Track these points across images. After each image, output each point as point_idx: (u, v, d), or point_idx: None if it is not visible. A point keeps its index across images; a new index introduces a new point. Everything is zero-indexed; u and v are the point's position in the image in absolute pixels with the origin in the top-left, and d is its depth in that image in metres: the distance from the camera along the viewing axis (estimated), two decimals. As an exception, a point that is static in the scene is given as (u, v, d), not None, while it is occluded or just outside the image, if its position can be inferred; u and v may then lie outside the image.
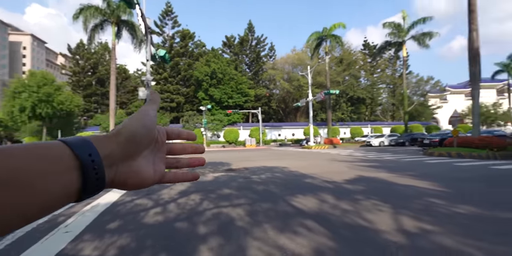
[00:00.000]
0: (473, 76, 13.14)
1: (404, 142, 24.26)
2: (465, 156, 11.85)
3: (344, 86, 39.62)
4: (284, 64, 43.41)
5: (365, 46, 47.63)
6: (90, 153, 0.28)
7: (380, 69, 45.90)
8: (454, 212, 3.85)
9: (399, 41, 28.21)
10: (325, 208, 4.14)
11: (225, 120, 36.55)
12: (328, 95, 24.20)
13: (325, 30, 26.67)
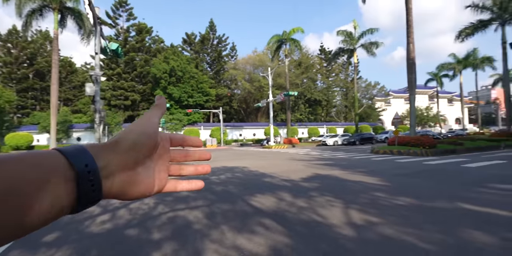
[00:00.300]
0: (410, 83, 14.85)
1: (355, 141, 26.25)
2: (404, 154, 13.28)
3: (302, 88, 41.39)
4: (246, 65, 43.66)
5: (321, 51, 50.42)
6: (87, 164, 0.27)
7: (334, 73, 49.07)
8: (395, 204, 4.25)
9: (350, 48, 30.48)
10: (283, 206, 4.23)
11: (185, 120, 35.30)
12: (287, 96, 24.99)
13: (284, 34, 27.53)
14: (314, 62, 46.04)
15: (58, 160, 0.26)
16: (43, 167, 0.24)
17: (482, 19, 22.37)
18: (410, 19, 14.54)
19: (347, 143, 26.28)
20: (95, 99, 9.11)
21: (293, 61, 43.46)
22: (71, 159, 0.26)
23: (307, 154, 16.06)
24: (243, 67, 43.82)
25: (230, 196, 5.08)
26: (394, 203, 4.33)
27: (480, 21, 22.48)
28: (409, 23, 14.54)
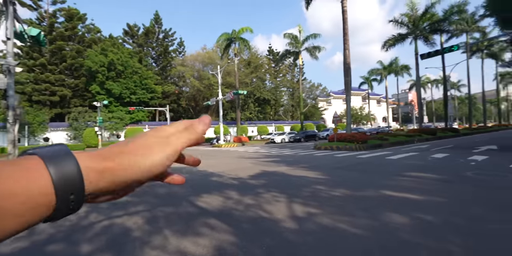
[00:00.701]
0: (346, 85, 16.46)
1: (300, 139, 27.88)
2: (341, 149, 14.65)
3: (251, 87, 42.05)
4: (195, 62, 42.22)
5: (269, 52, 51.97)
6: (73, 192, 0.25)
7: (282, 74, 51.17)
8: (333, 195, 4.65)
9: (296, 51, 32.20)
10: (230, 205, 4.22)
11: (127, 118, 32.35)
12: (237, 95, 25.07)
13: (234, 33, 27.52)
14: (263, 62, 47.21)
15: (40, 176, 0.23)
16: (22, 180, 0.22)
17: (401, 33, 26.11)
18: (346, 28, 16.08)
19: (293, 140, 27.70)
20: (7, 93, 7.61)
21: (243, 60, 43.77)
22: (57, 184, 0.24)
23: (256, 152, 16.40)
24: (192, 64, 42.28)
25: (175, 198, 4.84)
26: (331, 194, 4.72)
27: (399, 34, 26.20)
28: (345, 31, 16.08)
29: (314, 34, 30.33)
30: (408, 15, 25.69)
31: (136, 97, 33.80)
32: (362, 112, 59.88)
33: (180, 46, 45.41)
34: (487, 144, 14.55)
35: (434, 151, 12.21)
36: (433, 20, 24.71)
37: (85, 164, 0.26)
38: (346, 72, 16.34)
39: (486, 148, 12.60)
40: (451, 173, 6.41)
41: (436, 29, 25.07)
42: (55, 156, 0.25)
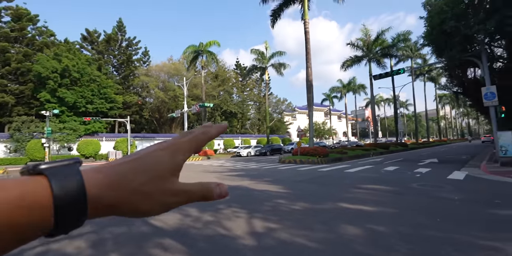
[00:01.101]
0: (309, 101, 17.34)
1: (266, 152, 28.15)
2: (304, 162, 15.09)
3: (219, 100, 41.99)
4: (160, 72, 41.06)
5: (237, 66, 52.95)
6: (74, 207, 0.24)
7: (249, 88, 52.17)
8: (293, 209, 4.70)
9: (263, 67, 33.30)
10: (187, 222, 4.00)
11: (81, 129, 29.64)
12: (203, 107, 24.76)
13: (201, 45, 27.61)
14: (231, 76, 47.81)
15: (40, 187, 0.24)
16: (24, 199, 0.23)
17: (357, 55, 28.75)
18: (308, 47, 17.21)
19: (259, 154, 27.86)
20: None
21: (210, 73, 43.82)
22: (60, 216, 0.24)
23: (221, 165, 16.10)
24: (157, 74, 41.04)
25: (128, 217, 4.46)
26: (292, 208, 4.77)
27: (356, 56, 28.81)
28: (307, 50, 17.19)
29: (280, 52, 31.82)
30: (363, 39, 28.49)
31: (93, 107, 31.39)
32: (325, 127, 63.16)
33: (144, 56, 44.02)
34: (430, 158, 16.22)
35: (386, 164, 13.21)
36: (383, 46, 27.71)
37: (89, 179, 0.26)
38: (308, 88, 17.26)
39: (429, 161, 14.03)
40: (400, 185, 6.95)
41: (386, 54, 28.09)
42: (60, 169, 0.25)
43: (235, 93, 48.14)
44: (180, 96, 36.66)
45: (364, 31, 28.53)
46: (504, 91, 13.12)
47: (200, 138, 0.33)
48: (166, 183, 0.29)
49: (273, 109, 54.76)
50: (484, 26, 9.93)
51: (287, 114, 64.86)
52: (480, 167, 10.20)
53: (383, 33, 26.88)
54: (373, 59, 28.19)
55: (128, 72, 40.07)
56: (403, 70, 15.60)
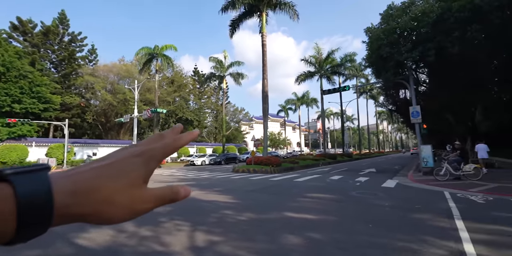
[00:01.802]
0: (264, 111, 17.79)
1: (221, 161, 27.71)
2: (258, 172, 15.21)
3: (174, 107, 40.31)
4: (109, 73, 37.84)
5: (195, 73, 51.96)
6: (39, 213, 0.23)
7: (207, 95, 51.41)
8: (239, 220, 4.61)
9: (221, 75, 33.29)
10: (121, 239, 3.60)
11: (2, 132, 25.26)
12: (155, 113, 23.45)
13: (156, 48, 26.42)
14: (188, 82, 46.56)
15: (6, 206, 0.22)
16: None
17: (310, 70, 30.83)
18: (265, 60, 17.85)
19: (213, 162, 27.30)
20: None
21: (166, 78, 42.04)
22: (23, 219, 0.23)
23: (171, 175, 15.25)
24: (105, 75, 37.74)
25: (47, 235, 3.82)
26: (238, 219, 4.68)
27: (309, 71, 30.88)
28: (264, 62, 17.81)
29: (238, 62, 32.30)
30: (315, 57, 30.75)
31: (22, 107, 27.15)
32: (280, 137, 65.29)
33: (91, 54, 40.24)
34: (369, 167, 17.89)
35: (333, 173, 14.11)
36: (333, 64, 30.31)
37: (58, 186, 0.25)
38: (264, 99, 17.74)
39: (368, 170, 15.44)
40: (342, 193, 7.44)
41: (335, 71, 30.75)
42: (27, 175, 0.24)
43: (192, 100, 46.88)
44: (130, 100, 34.18)
45: (316, 49, 30.89)
46: (427, 112, 15.37)
47: (172, 145, 0.33)
48: (137, 190, 0.28)
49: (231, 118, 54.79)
50: (411, 54, 11.60)
51: (244, 124, 65.45)
52: (407, 176, 11.58)
53: (333, 52, 29.45)
54: (324, 76, 30.54)
55: (70, 70, 36.01)
56: (349, 87, 17.17)
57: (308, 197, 6.89)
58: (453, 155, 9.92)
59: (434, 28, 11.35)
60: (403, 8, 13.53)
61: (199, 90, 50.09)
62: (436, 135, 28.05)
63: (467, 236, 3.50)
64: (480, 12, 10.31)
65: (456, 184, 8.34)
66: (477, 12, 10.32)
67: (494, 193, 6.78)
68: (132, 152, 0.30)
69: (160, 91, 36.30)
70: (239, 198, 6.75)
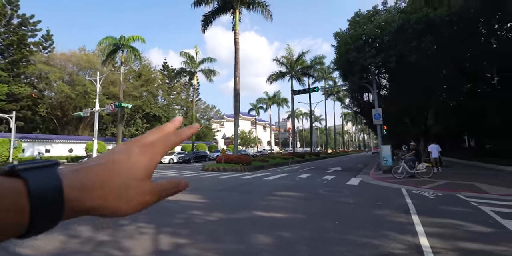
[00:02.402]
0: (235, 109, 17.65)
1: (190, 159, 26.94)
2: (228, 170, 15.02)
3: (140, 102, 38.15)
4: (67, 63, 34.49)
5: (164, 68, 49.75)
6: (50, 207, 0.24)
7: (176, 91, 49.55)
8: (207, 221, 4.45)
9: (192, 71, 32.35)
10: (73, 246, 3.24)
11: None
12: (119, 108, 21.98)
13: (122, 39, 24.69)
14: (156, 77, 44.37)
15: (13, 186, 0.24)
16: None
17: (282, 71, 31.34)
18: (237, 57, 17.69)
19: (182, 161, 26.48)
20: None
21: (132, 71, 39.60)
22: (36, 218, 0.24)
23: (136, 173, 14.37)
24: (63, 64, 34.36)
25: (-19, 245, 3.30)
26: (206, 219, 4.52)
27: (280, 72, 31.36)
28: (236, 60, 17.64)
29: (210, 58, 31.64)
30: (287, 57, 31.31)
31: (-43, 96, 23.63)
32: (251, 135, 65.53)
33: (46, 40, 36.37)
34: (335, 166, 18.71)
35: (301, 171, 14.46)
36: (303, 65, 31.14)
37: (68, 181, 0.26)
38: (235, 97, 17.58)
39: (334, 169, 16.13)
40: (311, 191, 7.62)
41: (305, 73, 31.63)
42: (38, 171, 0.25)
43: (160, 96, 44.81)
44: (92, 92, 31.59)
45: (288, 50, 31.48)
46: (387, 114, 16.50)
47: (173, 140, 0.34)
48: (142, 184, 0.30)
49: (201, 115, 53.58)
50: (375, 60, 12.32)
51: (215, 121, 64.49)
52: (369, 174, 12.31)
53: (304, 54, 30.24)
54: (295, 76, 31.25)
55: (19, 57, 32.18)
56: (318, 89, 17.75)
57: (278, 195, 6.93)
58: (409, 155, 10.76)
59: (395, 37, 12.17)
60: (369, 16, 14.31)
61: (169, 85, 48.13)
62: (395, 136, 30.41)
63: (422, 230, 3.76)
64: (433, 25, 11.29)
65: (411, 181, 9.04)
66: (431, 25, 11.29)
67: (443, 189, 7.47)
68: (137, 151, 0.31)
69: (125, 85, 34.09)
70: (208, 197, 6.56)
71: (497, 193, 6.65)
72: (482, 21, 12.87)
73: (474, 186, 7.87)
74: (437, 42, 11.93)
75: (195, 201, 6.14)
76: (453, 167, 14.66)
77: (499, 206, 5.26)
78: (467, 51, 14.61)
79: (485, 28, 13.84)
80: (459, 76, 15.68)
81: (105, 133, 39.20)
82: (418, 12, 11.49)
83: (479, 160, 15.91)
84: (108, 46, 25.03)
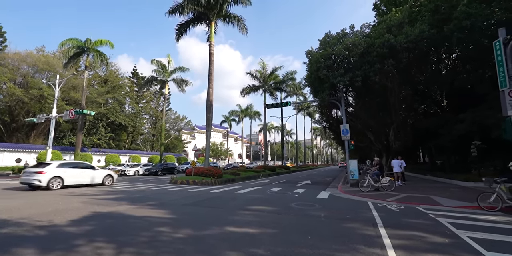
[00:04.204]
0: (207, 120, 17.39)
1: (157, 172, 25.56)
2: (198, 183, 14.49)
3: (105, 109, 35.87)
4: (21, 63, 31.52)
5: (133, 75, 47.88)
6: None
7: (145, 100, 47.64)
8: (175, 238, 4.15)
9: (163, 80, 31.55)
10: (13, 273, 2.77)
11: None
12: (80, 114, 20.38)
13: (88, 42, 23.38)
14: (124, 84, 42.40)
15: None
16: None
17: (255, 84, 31.97)
18: (212, 69, 17.72)
19: (148, 173, 25.08)
20: None
21: (98, 77, 37.45)
22: None
23: (96, 186, 13.21)
24: (16, 65, 31.35)
25: None
26: (173, 236, 4.22)
27: (253, 85, 31.97)
28: (210, 71, 17.64)
29: (183, 67, 31.31)
30: (260, 72, 32.15)
31: None
32: (222, 148, 64.64)
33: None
34: (305, 179, 19.05)
35: (272, 185, 14.45)
36: (276, 80, 32.16)
37: None
38: (208, 108, 17.37)
39: (305, 182, 16.40)
40: (282, 204, 7.59)
41: (278, 88, 32.63)
42: None
43: (128, 104, 42.66)
44: (49, 97, 29.05)
45: (262, 64, 32.40)
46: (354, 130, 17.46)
47: None
48: None
49: (171, 126, 51.76)
50: (343, 78, 13.15)
51: (186, 133, 62.76)
52: (338, 187, 12.70)
53: (276, 69, 31.34)
54: (268, 91, 32.03)
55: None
56: (290, 103, 18.32)
57: (249, 209, 6.78)
58: (374, 169, 11.37)
59: (361, 59, 13.20)
60: (338, 38, 15.42)
61: (137, 93, 46.19)
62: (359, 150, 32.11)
63: (389, 243, 3.90)
64: (394, 50, 12.50)
65: (377, 195, 9.49)
66: (392, 49, 12.49)
67: (404, 202, 7.93)
68: None
69: (89, 91, 31.99)
70: (175, 213, 6.19)
71: (450, 206, 7.24)
72: (433, 50, 14.56)
73: (430, 198, 8.49)
74: (397, 65, 13.18)
75: (161, 216, 5.74)
76: (410, 181, 15.76)
77: (453, 218, 5.70)
78: (421, 75, 16.34)
79: (435, 57, 15.69)
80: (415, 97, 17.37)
81: (62, 142, 35.89)
82: (381, 37, 12.66)
83: (432, 175, 17.36)
84: (71, 49, 23.53)
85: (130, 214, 5.90)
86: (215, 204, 7.70)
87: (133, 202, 7.83)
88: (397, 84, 14.34)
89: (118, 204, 7.33)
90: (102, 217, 5.65)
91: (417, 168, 22.92)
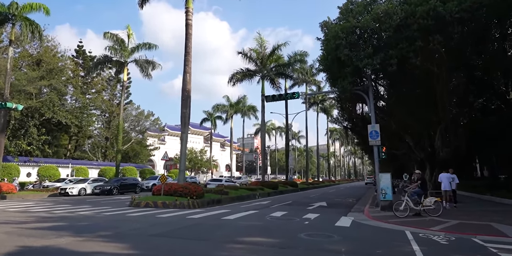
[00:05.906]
0: (183, 118, 17.43)
1: (112, 190, 25.50)
2: (169, 206, 14.47)
3: (38, 102, 35.50)
4: None
5: (79, 54, 47.63)
6: None
7: (95, 89, 47.38)
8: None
9: (121, 61, 31.46)
10: None
11: None
12: (2, 109, 20.24)
13: (14, 6, 22.98)
14: (66, 66, 42.08)
15: None
16: None
17: (250, 68, 32.12)
18: (189, 46, 17.78)
19: (100, 191, 25.00)
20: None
21: (28, 56, 37.11)
22: None
23: (25, 210, 13.24)
24: None
25: None
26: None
27: (248, 69, 32.10)
28: (187, 49, 17.71)
29: (149, 44, 31.30)
30: (257, 51, 32.29)
31: None
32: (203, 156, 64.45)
33: None
34: (319, 201, 19.19)
35: (274, 208, 14.54)
36: (279, 63, 32.36)
37: None
38: (184, 101, 17.39)
39: (318, 204, 16.52)
40: (287, 235, 7.64)
41: (282, 73, 32.79)
42: None
43: (70, 94, 42.35)
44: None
45: (259, 40, 32.54)
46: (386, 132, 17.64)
47: None
48: None
49: (132, 126, 51.52)
50: (372, 61, 13.27)
51: (153, 135, 62.46)
52: (364, 211, 12.80)
53: (279, 47, 31.48)
54: (267, 77, 32.16)
55: None
56: (298, 95, 18.40)
57: (242, 242, 6.81)
58: (413, 187, 11.49)
59: (397, 34, 13.33)
60: (365, 5, 15.55)
61: (84, 80, 45.95)
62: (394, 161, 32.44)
63: (436, 288, 3.94)
64: (443, 21, 12.63)
65: (417, 222, 9.59)
66: (440, 21, 12.62)
67: (455, 231, 8.03)
68: None
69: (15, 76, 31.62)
70: (139, 248, 6.17)
71: (519, 236, 7.35)
72: (495, 23, 14.77)
73: (491, 227, 8.61)
74: (446, 43, 13.31)
75: (118, 253, 5.72)
76: (464, 202, 15.98)
77: (523, 253, 5.80)
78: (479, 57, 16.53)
79: (499, 32, 15.92)
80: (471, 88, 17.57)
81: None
82: (425, 4, 12.77)
83: (493, 194, 17.61)
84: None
85: (74, 250, 5.86)
86: (194, 235, 7.69)
87: (79, 232, 7.78)
88: (446, 69, 14.52)
89: (58, 236, 7.27)
90: (34, 253, 5.60)
91: (473, 185, 23.25)
